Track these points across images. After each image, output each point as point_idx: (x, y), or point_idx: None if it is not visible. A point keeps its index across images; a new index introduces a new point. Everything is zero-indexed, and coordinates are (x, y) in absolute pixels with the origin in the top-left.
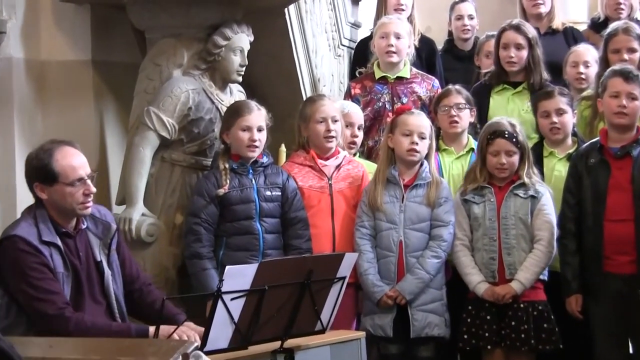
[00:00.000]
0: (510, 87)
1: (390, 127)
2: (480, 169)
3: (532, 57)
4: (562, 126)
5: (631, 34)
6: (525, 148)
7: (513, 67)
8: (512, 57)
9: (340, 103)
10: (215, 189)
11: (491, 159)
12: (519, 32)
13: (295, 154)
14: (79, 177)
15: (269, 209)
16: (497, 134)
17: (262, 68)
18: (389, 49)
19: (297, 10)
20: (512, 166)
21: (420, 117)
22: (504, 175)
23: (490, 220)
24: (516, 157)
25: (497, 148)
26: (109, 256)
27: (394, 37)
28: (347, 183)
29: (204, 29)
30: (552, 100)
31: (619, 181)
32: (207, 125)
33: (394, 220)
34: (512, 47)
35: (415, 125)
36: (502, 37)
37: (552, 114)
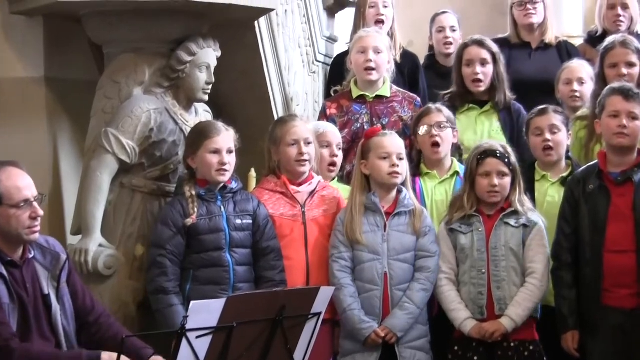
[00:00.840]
0: (476, 107)
1: (362, 151)
2: (468, 195)
3: (497, 75)
4: (555, 145)
5: (629, 47)
6: (516, 172)
7: (479, 85)
8: (478, 74)
9: (313, 124)
10: (181, 218)
11: (481, 181)
12: (483, 47)
13: (265, 180)
14: (25, 199)
15: (240, 239)
16: (488, 154)
17: (230, 86)
18: (367, 65)
19: (268, 23)
20: (504, 189)
21: (395, 138)
22: (495, 199)
23: (478, 251)
24: (508, 180)
25: (489, 169)
26: (58, 289)
27: (373, 52)
28: (322, 211)
29: (167, 44)
30: (545, 117)
31: (619, 209)
32: (170, 148)
33: (377, 250)
34: (477, 64)
35: (392, 146)
36: (465, 53)
37: (545, 131)
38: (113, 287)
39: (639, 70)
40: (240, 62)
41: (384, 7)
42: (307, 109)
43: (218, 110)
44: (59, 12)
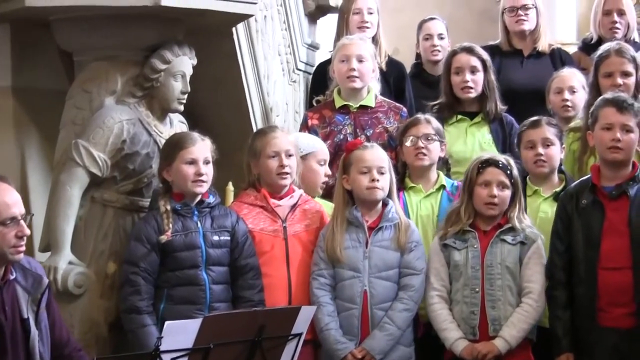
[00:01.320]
0: (466, 118)
1: (343, 166)
2: (465, 206)
3: (488, 83)
4: (548, 159)
5: (625, 56)
6: (518, 187)
7: (469, 93)
8: (468, 82)
9: (295, 136)
10: (156, 234)
11: (480, 191)
12: (473, 54)
13: (244, 193)
14: (12, 216)
15: (217, 256)
16: (489, 163)
17: (207, 96)
18: (350, 74)
19: (247, 29)
20: (503, 202)
21: (376, 151)
22: (492, 212)
23: (473, 268)
24: (508, 193)
25: (489, 178)
26: (37, 314)
27: (356, 60)
28: (304, 225)
29: (141, 51)
30: (538, 130)
31: (614, 224)
32: (143, 161)
33: (357, 267)
34: (467, 71)
35: (372, 160)
36: (454, 61)
37: (537, 144)
38: (84, 307)
39: (635, 80)
40: (217, 71)
41: (369, 14)
42: (288, 119)
43: (194, 121)
44: (26, 17)
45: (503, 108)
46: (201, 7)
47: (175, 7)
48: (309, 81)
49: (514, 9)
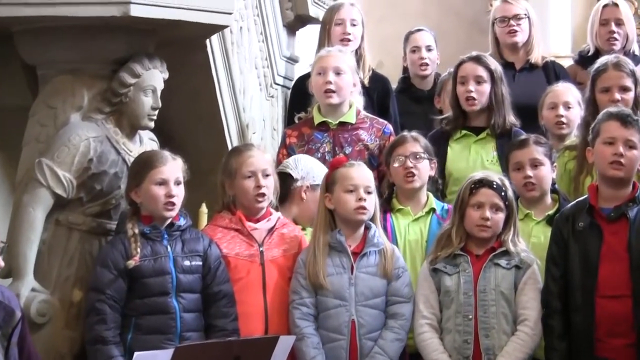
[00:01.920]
0: (472, 134)
1: (326, 184)
2: (457, 228)
3: (495, 95)
4: (537, 181)
5: (623, 70)
6: (512, 209)
7: (473, 104)
8: (471, 92)
9: (271, 154)
10: (123, 259)
11: (472, 213)
12: (479, 63)
13: (218, 216)
14: None
15: (188, 283)
16: (483, 183)
17: (179, 112)
18: (326, 87)
19: (221, 41)
20: (496, 225)
21: (363, 169)
22: (484, 234)
23: (465, 295)
24: (502, 216)
25: (482, 199)
26: (7, 350)
27: (333, 73)
28: (282, 250)
29: (109, 64)
30: (525, 150)
31: (613, 249)
32: (111, 181)
33: (343, 295)
34: (471, 81)
35: (360, 178)
36: (460, 70)
37: (525, 166)
38: (47, 337)
39: (634, 96)
40: (190, 85)
41: (352, 25)
42: (265, 137)
43: (165, 138)
44: None
45: (514, 123)
46: (173, 18)
47: (145, 17)
48: (287, 96)
49: (505, 19)
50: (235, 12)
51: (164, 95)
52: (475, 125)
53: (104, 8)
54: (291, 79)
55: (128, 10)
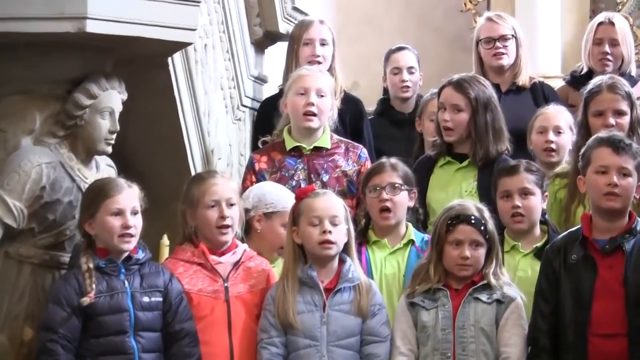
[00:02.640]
0: (456, 161)
1: (293, 217)
2: (435, 265)
3: (475, 125)
4: (526, 212)
5: (618, 92)
6: (494, 241)
7: (449, 135)
8: (447, 122)
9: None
10: (77, 296)
11: (451, 251)
12: (459, 90)
13: (179, 248)
14: None
15: (147, 320)
16: (460, 219)
17: (138, 135)
18: (308, 110)
19: (184, 60)
20: (477, 262)
21: (328, 198)
22: (465, 273)
23: (443, 331)
24: (482, 251)
25: (461, 237)
26: None
27: (316, 95)
28: (248, 286)
29: (63, 84)
30: (515, 178)
31: (607, 284)
32: (65, 210)
33: (314, 334)
34: (448, 109)
35: (324, 209)
36: (440, 95)
37: (514, 195)
38: None
39: (629, 120)
40: (150, 107)
41: (321, 45)
42: (232, 162)
43: (123, 164)
44: None
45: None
46: (132, 34)
47: (102, 34)
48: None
49: (491, 40)
50: (200, 29)
51: (123, 117)
52: (460, 152)
53: (57, 24)
54: (259, 101)
55: (84, 26)
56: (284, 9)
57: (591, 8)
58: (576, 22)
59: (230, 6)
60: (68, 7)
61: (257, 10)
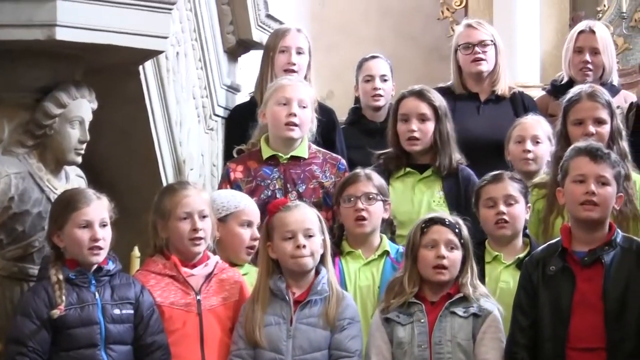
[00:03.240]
0: (416, 172)
1: (266, 231)
2: (409, 274)
3: (440, 134)
4: (511, 219)
5: (598, 100)
6: (468, 249)
7: (415, 144)
8: (414, 132)
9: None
10: (46, 308)
11: (426, 254)
12: (423, 99)
13: (150, 260)
14: None
15: (118, 333)
16: (435, 221)
17: (109, 145)
18: (290, 120)
19: (156, 68)
20: (454, 265)
21: (301, 210)
22: (442, 277)
23: (419, 347)
24: (458, 255)
25: (435, 237)
26: None
27: (297, 106)
28: (221, 298)
29: (32, 93)
30: (500, 185)
31: (586, 296)
32: (34, 222)
33: (279, 348)
34: (414, 119)
35: (297, 223)
36: (400, 107)
37: (499, 202)
38: None
39: (609, 129)
40: (121, 117)
41: (298, 54)
42: (204, 173)
43: (94, 175)
44: None
45: (460, 162)
46: (103, 42)
47: (72, 41)
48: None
49: (470, 45)
50: (171, 36)
51: (93, 127)
52: (419, 162)
53: (26, 31)
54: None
55: (53, 34)
56: (257, 16)
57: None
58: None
59: (203, 14)
60: (37, 14)
61: (230, 18)
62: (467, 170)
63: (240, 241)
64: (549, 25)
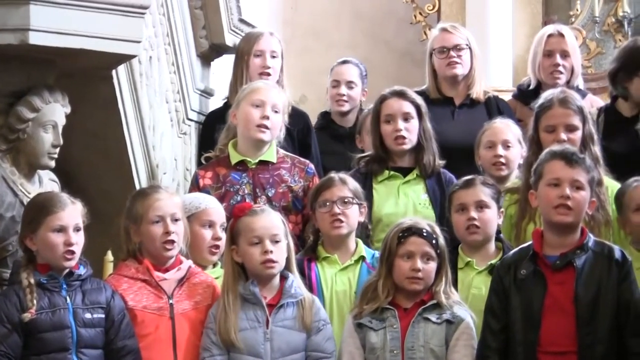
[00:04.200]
0: (399, 175)
1: (231, 235)
2: (384, 281)
3: (424, 132)
4: (482, 224)
5: (570, 107)
6: (444, 258)
7: (403, 143)
8: (401, 131)
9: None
10: (17, 312)
11: (402, 264)
12: (405, 98)
13: (123, 265)
14: None
15: (90, 337)
16: (412, 231)
17: (82, 150)
18: (262, 123)
19: (129, 72)
20: (429, 276)
21: (267, 216)
22: (416, 286)
23: (391, 352)
24: (433, 266)
25: (412, 248)
26: None
27: (271, 109)
28: (194, 302)
29: (5, 97)
30: (471, 191)
31: (557, 300)
32: (8, 226)
33: (257, 351)
34: (399, 119)
35: (264, 228)
36: (383, 107)
37: (470, 207)
38: None
39: (581, 135)
40: (94, 121)
41: (272, 57)
42: (177, 177)
43: (67, 179)
44: None
45: (441, 163)
46: (76, 47)
47: (45, 46)
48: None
49: (445, 49)
50: (144, 41)
51: (66, 131)
52: (401, 165)
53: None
54: (205, 114)
55: (26, 38)
56: (230, 21)
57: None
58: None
59: (176, 18)
60: (10, 19)
61: (203, 23)
62: (449, 175)
63: (201, 240)
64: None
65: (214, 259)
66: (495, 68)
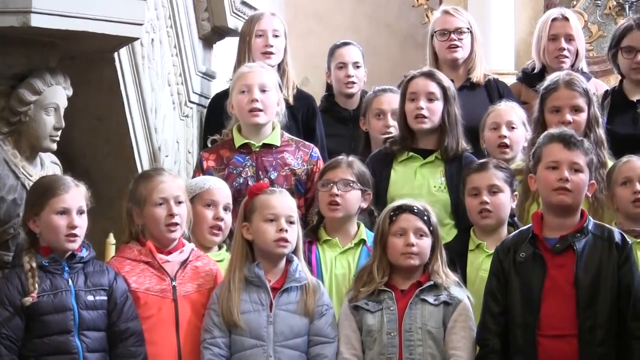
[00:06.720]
0: (419, 156)
1: (244, 212)
2: (379, 261)
3: (448, 115)
4: (494, 208)
5: (576, 89)
6: (437, 236)
7: (423, 122)
8: (422, 109)
9: (183, 179)
10: (19, 295)
11: (395, 241)
12: (432, 79)
13: (126, 247)
14: None
15: (92, 320)
16: (403, 209)
17: (84, 132)
18: (252, 106)
19: (131, 55)
20: (423, 252)
21: (285, 197)
22: (411, 261)
23: (388, 334)
24: (428, 241)
25: (404, 225)
26: None
27: (259, 90)
28: (196, 285)
29: (6, 80)
30: (484, 174)
31: (557, 283)
32: (9, 209)
33: (261, 334)
34: (422, 97)
35: (281, 207)
36: (410, 86)
37: (483, 191)
38: None
39: (586, 117)
40: (96, 104)
41: (274, 37)
42: (179, 160)
43: (69, 162)
44: None
45: (466, 147)
46: (78, 29)
47: (47, 28)
48: (203, 115)
49: (446, 32)
50: (147, 23)
51: (68, 114)
52: (423, 147)
53: (1, 18)
54: (207, 97)
55: (28, 20)
56: (232, 3)
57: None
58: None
59: (178, 1)
60: (12, 1)
61: (205, 5)
62: (471, 157)
63: (202, 220)
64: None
65: (215, 239)
66: (497, 51)
